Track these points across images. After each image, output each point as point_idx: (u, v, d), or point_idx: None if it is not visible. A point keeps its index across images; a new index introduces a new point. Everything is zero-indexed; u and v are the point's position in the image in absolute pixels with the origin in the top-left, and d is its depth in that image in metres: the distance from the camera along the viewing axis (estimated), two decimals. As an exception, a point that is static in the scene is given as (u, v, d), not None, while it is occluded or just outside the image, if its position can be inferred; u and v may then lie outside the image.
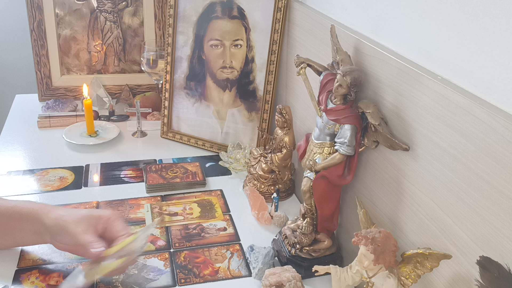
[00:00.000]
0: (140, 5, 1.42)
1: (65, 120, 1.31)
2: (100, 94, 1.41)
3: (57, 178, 1.08)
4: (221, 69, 1.19)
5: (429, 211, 0.64)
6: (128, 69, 1.49)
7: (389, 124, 0.71)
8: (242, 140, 1.20)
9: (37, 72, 1.41)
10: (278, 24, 1.10)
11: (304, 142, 0.84)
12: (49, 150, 1.20)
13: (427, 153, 0.63)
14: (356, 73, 0.71)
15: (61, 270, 0.82)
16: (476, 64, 0.56)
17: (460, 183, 0.57)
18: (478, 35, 0.55)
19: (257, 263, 0.83)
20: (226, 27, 1.16)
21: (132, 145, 1.26)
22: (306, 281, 0.81)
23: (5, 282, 0.78)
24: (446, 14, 0.60)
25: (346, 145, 0.74)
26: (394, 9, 0.71)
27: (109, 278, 0.80)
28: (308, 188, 0.79)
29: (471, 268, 0.56)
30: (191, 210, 1.00)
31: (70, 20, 1.40)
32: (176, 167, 1.13)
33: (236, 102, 1.20)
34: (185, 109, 1.25)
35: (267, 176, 1.04)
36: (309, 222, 0.83)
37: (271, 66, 1.14)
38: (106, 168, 1.14)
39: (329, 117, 0.75)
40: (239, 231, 0.95)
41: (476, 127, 0.54)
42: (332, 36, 0.79)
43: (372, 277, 0.65)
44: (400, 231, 0.70)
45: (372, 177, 0.78)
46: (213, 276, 0.83)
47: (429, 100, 0.61)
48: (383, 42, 0.75)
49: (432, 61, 0.63)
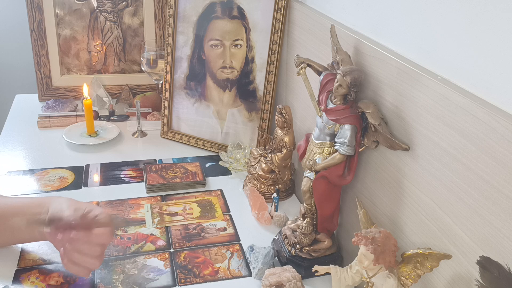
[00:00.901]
0: (140, 5, 1.42)
1: (65, 120, 1.31)
2: (100, 94, 1.41)
3: (57, 178, 1.08)
4: (221, 69, 1.19)
5: (429, 211, 0.64)
6: (128, 69, 1.49)
7: (389, 124, 0.71)
8: (242, 140, 1.20)
9: (37, 72, 1.41)
10: (278, 24, 1.10)
11: (304, 142, 0.84)
12: (49, 150, 1.20)
13: (427, 153, 0.63)
14: (356, 73, 0.71)
15: (61, 270, 0.82)
16: (476, 64, 0.56)
17: (460, 183, 0.57)
18: (478, 35, 0.55)
19: (257, 263, 0.83)
20: (226, 27, 1.16)
21: (132, 145, 1.26)
22: (306, 281, 0.81)
23: (5, 282, 0.78)
24: (446, 14, 0.60)
25: (346, 145, 0.74)
26: (394, 9, 0.71)
27: (109, 278, 0.80)
28: (308, 188, 0.79)
29: (471, 268, 0.56)
30: (191, 210, 1.00)
31: (70, 20, 1.40)
32: (176, 167, 1.13)
33: (236, 102, 1.20)
34: (185, 109, 1.25)
35: (267, 176, 1.04)
36: (309, 222, 0.83)
37: (271, 66, 1.14)
38: (106, 168, 1.14)
39: (329, 117, 0.75)
40: (239, 231, 0.95)
41: (476, 127, 0.54)
42: (332, 36, 0.79)
43: (372, 277, 0.65)
44: (400, 231, 0.71)
45: (372, 177, 0.78)
46: (213, 276, 0.83)
47: (429, 100, 0.61)
48: (383, 42, 0.75)
49: (432, 61, 0.63)
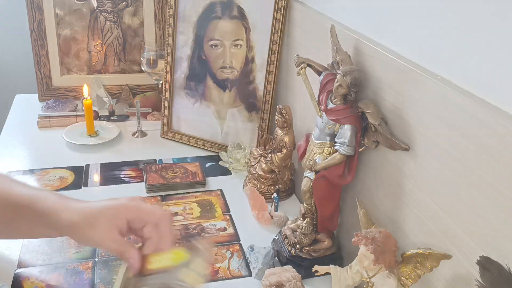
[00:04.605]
0: (140, 5, 1.42)
1: (65, 120, 1.31)
2: (100, 94, 1.41)
3: (57, 178, 1.08)
4: (221, 69, 1.19)
5: (429, 211, 0.64)
6: (128, 69, 1.49)
7: (389, 124, 0.71)
8: (242, 140, 1.19)
9: (37, 72, 1.41)
10: (278, 24, 1.10)
11: (304, 142, 0.84)
12: (49, 150, 1.20)
13: (427, 153, 0.63)
14: (356, 73, 0.71)
15: (61, 270, 0.82)
16: (476, 64, 0.56)
17: (460, 183, 0.57)
18: (478, 35, 0.55)
19: (257, 263, 0.83)
20: (226, 27, 1.16)
21: (132, 145, 1.26)
22: (306, 281, 0.81)
23: (5, 282, 0.78)
24: (446, 14, 0.60)
25: (346, 145, 0.74)
26: (394, 9, 0.71)
27: (109, 278, 0.80)
28: (308, 188, 0.79)
29: (471, 268, 0.56)
30: (191, 210, 1.00)
31: (70, 20, 1.40)
32: (176, 167, 1.13)
33: (236, 102, 1.20)
34: (185, 109, 1.25)
35: (267, 176, 1.04)
36: (309, 222, 0.83)
37: (271, 66, 1.14)
38: (106, 168, 1.14)
39: (329, 117, 0.75)
40: (239, 231, 0.95)
41: (476, 127, 0.54)
42: (332, 36, 0.79)
43: (372, 277, 0.65)
44: (400, 231, 0.70)
45: (372, 177, 0.78)
46: (213, 276, 0.83)
47: (429, 100, 0.61)
48: (383, 42, 0.75)
49: (432, 61, 0.63)
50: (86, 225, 0.62)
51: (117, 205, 0.64)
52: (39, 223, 0.67)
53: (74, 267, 0.82)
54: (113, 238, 0.62)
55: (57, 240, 0.88)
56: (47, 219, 0.65)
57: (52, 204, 0.66)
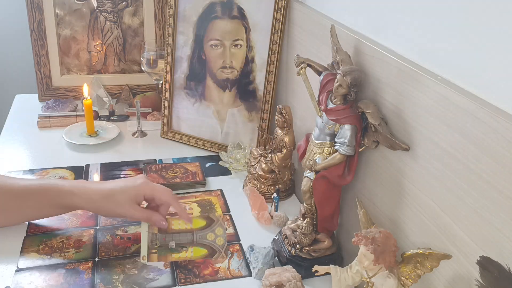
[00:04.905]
0: (140, 5, 1.42)
1: (65, 120, 1.31)
2: (100, 94, 1.41)
3: (57, 178, 1.08)
4: (221, 69, 1.19)
5: (429, 211, 0.64)
6: (128, 69, 1.49)
7: (389, 124, 0.71)
8: (242, 140, 1.19)
9: (37, 72, 1.41)
10: (278, 24, 1.10)
11: (304, 142, 0.84)
12: (49, 150, 1.20)
13: (427, 153, 0.63)
14: (356, 73, 0.71)
15: (61, 270, 0.82)
16: (476, 64, 0.56)
17: (460, 183, 0.57)
18: (478, 35, 0.55)
19: (257, 263, 0.83)
20: (226, 27, 1.16)
21: (132, 145, 1.26)
22: (306, 281, 0.81)
23: (6, 282, 0.78)
24: (446, 14, 0.60)
25: (346, 145, 0.74)
26: (394, 9, 0.71)
27: (109, 278, 0.80)
28: (308, 188, 0.79)
29: (471, 268, 0.56)
30: (191, 210, 1.00)
31: (70, 20, 1.40)
32: (176, 167, 1.13)
33: (236, 102, 1.20)
34: (185, 109, 1.25)
35: (267, 176, 1.04)
36: (309, 222, 0.83)
37: (271, 66, 1.14)
38: (106, 168, 1.14)
39: (329, 117, 0.75)
40: (239, 231, 0.95)
41: (476, 127, 0.54)
42: (332, 36, 0.79)
43: (372, 277, 0.65)
44: (400, 231, 0.71)
45: (372, 177, 0.78)
46: (213, 276, 0.83)
47: (429, 100, 0.61)
48: (383, 42, 0.75)
49: (432, 61, 0.63)
50: (107, 203, 0.81)
51: (136, 186, 0.82)
52: (50, 205, 0.83)
53: (74, 267, 0.82)
54: (136, 209, 0.82)
55: (57, 240, 0.88)
56: (62, 200, 0.82)
57: (69, 187, 0.83)
